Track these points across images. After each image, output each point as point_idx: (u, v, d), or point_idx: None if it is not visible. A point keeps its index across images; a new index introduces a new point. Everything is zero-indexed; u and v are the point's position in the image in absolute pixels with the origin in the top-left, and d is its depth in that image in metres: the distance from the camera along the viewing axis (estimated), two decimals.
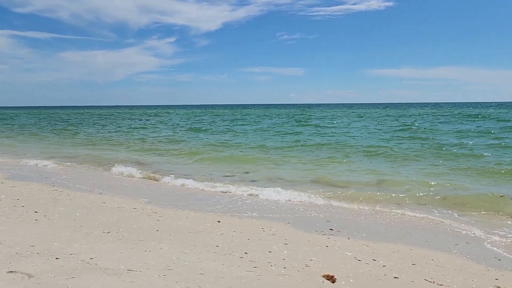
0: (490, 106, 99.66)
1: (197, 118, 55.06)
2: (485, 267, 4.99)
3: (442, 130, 27.56)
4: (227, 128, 33.09)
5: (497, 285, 4.33)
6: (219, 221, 6.63)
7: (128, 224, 6.10)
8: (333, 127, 32.92)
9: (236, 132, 28.62)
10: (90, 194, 8.67)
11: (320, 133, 26.80)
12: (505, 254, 5.59)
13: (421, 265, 4.92)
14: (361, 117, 50.33)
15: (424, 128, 28.96)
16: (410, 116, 50.71)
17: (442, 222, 7.22)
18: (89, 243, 4.99)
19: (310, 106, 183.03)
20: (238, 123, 41.15)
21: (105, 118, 54.97)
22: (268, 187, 9.86)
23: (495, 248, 5.83)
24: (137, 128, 35.36)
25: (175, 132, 29.61)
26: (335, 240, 5.84)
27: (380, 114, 59.71)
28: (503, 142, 18.76)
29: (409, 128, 29.27)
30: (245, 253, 4.94)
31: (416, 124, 33.33)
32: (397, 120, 42.61)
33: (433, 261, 5.12)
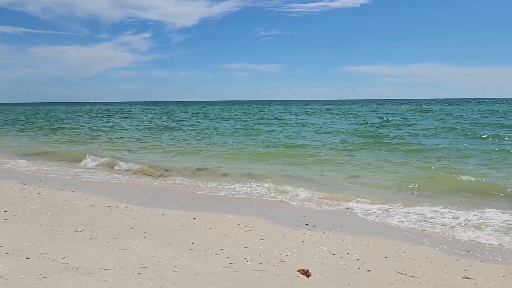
0: (457, 103, 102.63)
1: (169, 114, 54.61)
2: (455, 259, 5.13)
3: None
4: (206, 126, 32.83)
5: (466, 276, 4.47)
6: (195, 218, 6.60)
7: (102, 223, 6.00)
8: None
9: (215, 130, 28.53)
10: (62, 193, 8.49)
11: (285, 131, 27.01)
12: (471, 248, 5.76)
13: (393, 258, 5.02)
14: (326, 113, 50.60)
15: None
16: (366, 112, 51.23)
17: (409, 214, 7.38)
18: (61, 242, 4.89)
19: (287, 102, 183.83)
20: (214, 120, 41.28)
21: (80, 116, 53.74)
22: (240, 183, 9.91)
23: (464, 239, 6.00)
24: (105, 125, 34.67)
25: (139, 130, 29.47)
26: (310, 235, 5.90)
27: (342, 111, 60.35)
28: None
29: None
30: (221, 249, 4.94)
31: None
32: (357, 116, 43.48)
33: (405, 253, 5.24)
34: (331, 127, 27.56)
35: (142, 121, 38.94)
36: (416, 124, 28.90)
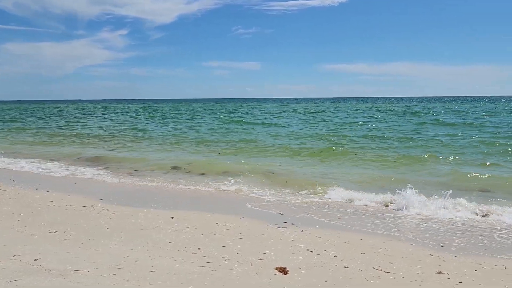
0: (428, 100, 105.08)
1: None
2: (429, 254, 5.23)
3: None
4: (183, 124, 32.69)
5: (440, 271, 4.56)
6: (172, 217, 6.54)
7: (77, 223, 5.89)
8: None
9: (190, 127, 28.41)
10: (36, 193, 8.29)
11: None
12: (444, 243, 5.88)
13: (370, 254, 5.09)
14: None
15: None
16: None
17: (391, 210, 7.50)
18: (34, 244, 4.78)
19: (266, 100, 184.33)
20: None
21: (56, 115, 52.54)
22: (217, 181, 9.89)
23: (440, 233, 6.13)
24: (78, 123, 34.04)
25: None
26: (288, 233, 5.92)
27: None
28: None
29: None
30: (199, 248, 4.91)
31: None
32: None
33: (381, 249, 5.31)
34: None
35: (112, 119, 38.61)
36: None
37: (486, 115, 34.85)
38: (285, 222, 6.56)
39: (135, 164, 12.92)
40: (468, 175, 10.50)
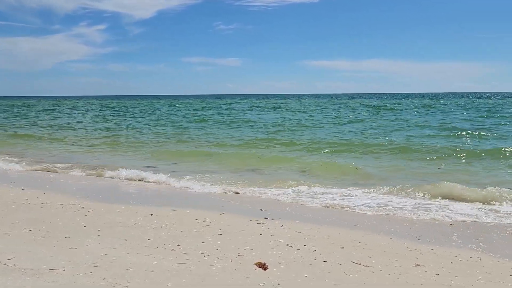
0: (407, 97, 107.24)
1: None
2: (407, 247, 5.30)
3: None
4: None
5: (417, 264, 4.63)
6: (152, 214, 6.46)
7: (53, 221, 5.76)
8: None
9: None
10: (10, 191, 8.08)
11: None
12: (422, 236, 5.98)
13: (349, 248, 5.13)
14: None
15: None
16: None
17: (369, 204, 7.59)
18: (8, 243, 4.65)
19: (248, 96, 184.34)
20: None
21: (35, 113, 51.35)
22: (197, 177, 9.85)
23: (415, 229, 6.22)
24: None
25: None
26: (268, 228, 5.92)
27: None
28: None
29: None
30: (178, 245, 4.86)
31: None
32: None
33: (360, 243, 5.36)
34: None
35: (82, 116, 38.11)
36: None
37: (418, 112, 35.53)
38: (265, 218, 6.56)
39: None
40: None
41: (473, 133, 18.38)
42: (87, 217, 6.09)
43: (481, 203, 7.56)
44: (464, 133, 18.49)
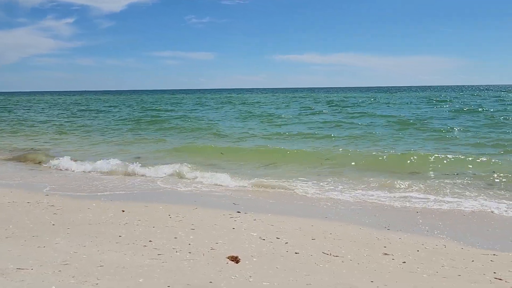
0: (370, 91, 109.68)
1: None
2: (376, 237, 5.44)
3: None
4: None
5: (385, 252, 4.76)
6: (123, 211, 6.39)
7: (20, 220, 5.62)
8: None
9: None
10: None
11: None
12: (390, 226, 6.15)
13: (320, 239, 5.22)
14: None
15: None
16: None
17: (338, 198, 7.72)
18: None
19: (221, 91, 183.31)
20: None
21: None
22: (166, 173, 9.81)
23: (384, 219, 6.39)
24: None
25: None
26: (241, 222, 5.95)
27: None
28: None
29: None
30: (150, 241, 4.84)
31: None
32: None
33: (331, 234, 5.46)
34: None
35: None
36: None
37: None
38: (238, 212, 6.59)
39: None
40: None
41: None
42: (56, 215, 5.98)
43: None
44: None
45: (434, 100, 43.20)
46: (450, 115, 24.05)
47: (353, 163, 10.82)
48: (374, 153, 12.04)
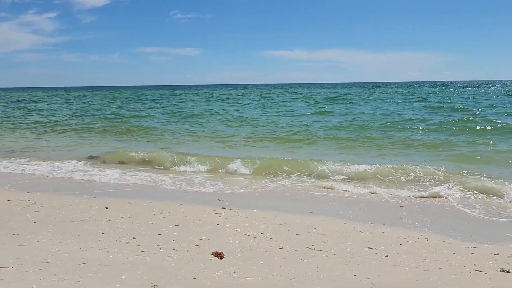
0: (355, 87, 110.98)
1: None
2: (360, 231, 5.49)
3: None
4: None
5: (368, 246, 4.81)
6: (106, 208, 6.32)
7: (0, 219, 5.52)
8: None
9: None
10: None
11: None
12: (375, 218, 6.22)
13: (304, 234, 5.24)
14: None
15: None
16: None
17: (324, 191, 7.77)
18: None
19: (207, 87, 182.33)
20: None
21: None
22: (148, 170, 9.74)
23: (368, 214, 6.45)
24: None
25: None
26: (226, 218, 5.94)
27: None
28: None
29: None
30: (133, 238, 4.80)
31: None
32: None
33: (315, 229, 5.50)
34: None
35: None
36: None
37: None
38: (223, 208, 6.58)
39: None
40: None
41: None
42: (38, 213, 5.88)
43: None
44: None
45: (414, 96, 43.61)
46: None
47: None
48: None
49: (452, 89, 65.45)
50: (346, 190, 7.91)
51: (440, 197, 7.36)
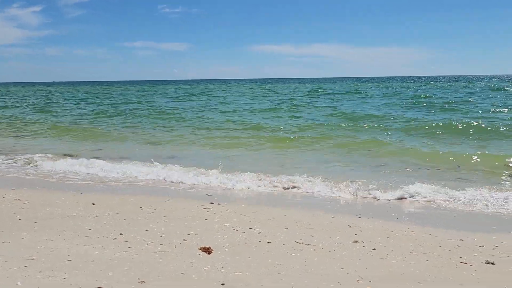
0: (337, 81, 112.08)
1: None
2: (347, 225, 5.52)
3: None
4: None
5: (356, 240, 4.84)
6: (93, 204, 6.26)
7: None
8: None
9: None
10: None
11: None
12: (363, 211, 6.26)
13: (292, 228, 5.26)
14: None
15: None
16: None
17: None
18: None
19: (196, 81, 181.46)
20: None
21: None
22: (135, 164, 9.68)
23: (355, 208, 6.50)
24: None
25: None
26: (214, 213, 5.93)
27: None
28: None
29: None
30: (120, 234, 4.76)
31: None
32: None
33: (303, 224, 5.51)
34: None
35: None
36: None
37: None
38: (211, 203, 6.56)
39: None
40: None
41: None
42: (23, 210, 5.80)
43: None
44: None
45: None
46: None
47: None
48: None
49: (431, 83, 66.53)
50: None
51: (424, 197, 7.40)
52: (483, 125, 15.06)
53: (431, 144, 12.19)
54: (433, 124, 15.70)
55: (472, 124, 15.27)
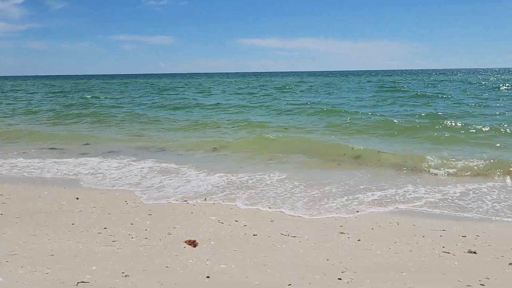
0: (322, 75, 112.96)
1: None
2: (333, 217, 5.55)
3: None
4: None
5: (341, 231, 4.87)
6: (77, 198, 6.18)
7: None
8: None
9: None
10: None
11: None
12: (346, 205, 6.30)
13: (278, 221, 5.27)
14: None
15: None
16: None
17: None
18: None
19: (183, 76, 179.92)
20: None
21: None
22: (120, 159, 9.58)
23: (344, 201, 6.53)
24: None
25: None
26: (200, 207, 5.91)
27: None
28: None
29: None
30: (104, 228, 4.71)
31: None
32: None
33: (289, 216, 5.53)
34: None
35: None
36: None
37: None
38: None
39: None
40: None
41: None
42: (5, 205, 5.70)
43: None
44: None
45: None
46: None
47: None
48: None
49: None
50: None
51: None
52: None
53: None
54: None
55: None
